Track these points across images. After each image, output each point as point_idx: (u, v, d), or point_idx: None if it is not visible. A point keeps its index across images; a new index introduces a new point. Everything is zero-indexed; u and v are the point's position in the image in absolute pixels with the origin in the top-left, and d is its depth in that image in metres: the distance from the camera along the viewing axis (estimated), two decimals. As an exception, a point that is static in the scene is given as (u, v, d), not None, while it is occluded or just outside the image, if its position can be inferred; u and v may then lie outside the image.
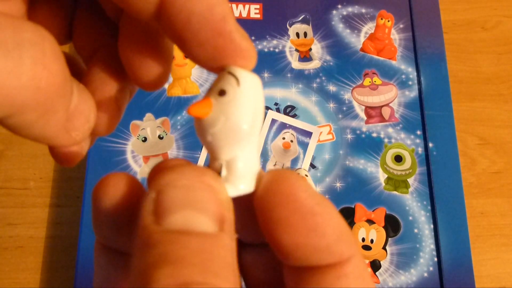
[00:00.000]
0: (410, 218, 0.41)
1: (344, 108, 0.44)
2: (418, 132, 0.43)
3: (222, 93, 0.12)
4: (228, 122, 0.11)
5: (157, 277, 0.10)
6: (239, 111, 0.12)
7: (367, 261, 0.40)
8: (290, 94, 0.44)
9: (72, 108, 0.13)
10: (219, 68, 0.13)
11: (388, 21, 0.47)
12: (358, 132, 0.43)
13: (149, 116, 0.43)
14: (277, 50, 0.46)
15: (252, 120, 0.12)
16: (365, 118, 0.44)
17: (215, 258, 0.10)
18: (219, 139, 0.12)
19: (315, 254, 0.11)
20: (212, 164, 0.12)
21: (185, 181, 0.11)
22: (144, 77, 0.14)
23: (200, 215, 0.11)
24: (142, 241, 0.11)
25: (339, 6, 0.48)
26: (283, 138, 0.43)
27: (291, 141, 0.43)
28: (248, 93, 0.12)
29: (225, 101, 0.11)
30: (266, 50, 0.46)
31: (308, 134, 0.43)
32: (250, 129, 0.12)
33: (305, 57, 0.46)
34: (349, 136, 0.43)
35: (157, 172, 0.12)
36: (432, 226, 0.41)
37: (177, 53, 0.45)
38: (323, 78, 0.45)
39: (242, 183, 0.12)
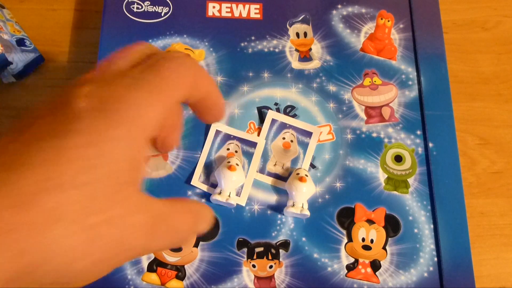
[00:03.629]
0: (410, 218, 0.41)
1: (344, 108, 0.44)
2: (418, 132, 0.43)
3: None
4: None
5: None
6: None
7: (367, 261, 0.40)
8: (290, 94, 0.44)
9: None
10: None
11: (388, 21, 0.47)
12: (358, 132, 0.43)
13: (149, 116, 0.43)
14: (277, 50, 0.46)
15: None
16: (365, 118, 0.44)
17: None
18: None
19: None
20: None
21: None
22: (172, 146, 0.24)
23: None
24: None
25: (339, 6, 0.48)
26: (283, 138, 0.43)
27: (291, 141, 0.43)
28: None
29: None
30: (266, 50, 0.46)
31: (308, 134, 0.43)
32: None
33: (305, 57, 0.46)
34: (349, 136, 0.43)
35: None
36: (432, 226, 0.41)
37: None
38: (323, 78, 0.45)
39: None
